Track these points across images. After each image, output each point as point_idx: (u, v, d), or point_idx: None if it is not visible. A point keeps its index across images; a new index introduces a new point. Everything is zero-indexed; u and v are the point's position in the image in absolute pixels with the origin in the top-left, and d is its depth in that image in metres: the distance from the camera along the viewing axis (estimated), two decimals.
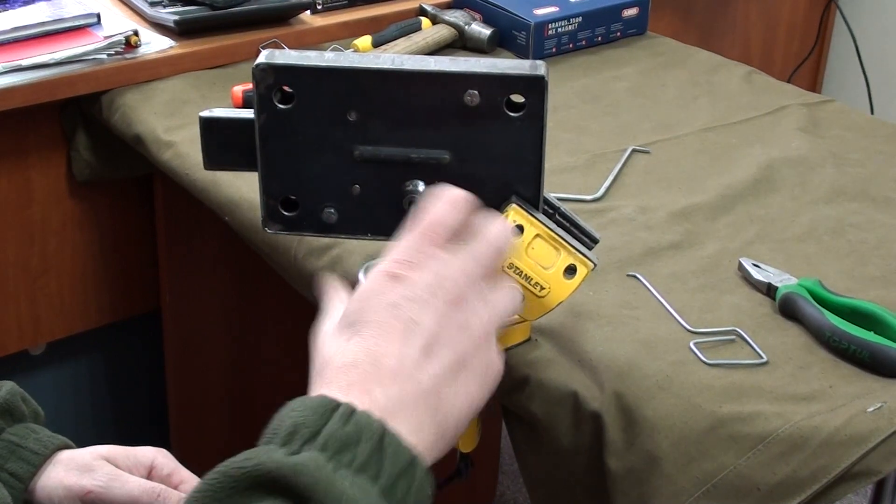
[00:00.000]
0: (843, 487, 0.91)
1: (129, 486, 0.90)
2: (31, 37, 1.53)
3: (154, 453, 0.95)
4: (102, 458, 0.92)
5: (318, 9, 1.74)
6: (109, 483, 0.89)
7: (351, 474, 0.60)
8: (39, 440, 0.91)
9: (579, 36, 1.73)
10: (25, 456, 0.89)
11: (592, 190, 1.30)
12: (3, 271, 1.66)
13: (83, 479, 0.89)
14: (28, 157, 1.62)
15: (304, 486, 0.58)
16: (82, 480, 0.89)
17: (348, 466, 0.61)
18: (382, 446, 0.62)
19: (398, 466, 0.62)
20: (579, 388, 0.98)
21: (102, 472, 0.90)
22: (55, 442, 0.92)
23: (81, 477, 0.90)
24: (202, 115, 0.90)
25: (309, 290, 1.23)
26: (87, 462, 0.91)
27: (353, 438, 0.62)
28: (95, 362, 1.93)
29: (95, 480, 0.89)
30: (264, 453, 0.60)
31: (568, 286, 0.90)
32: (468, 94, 0.84)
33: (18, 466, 0.88)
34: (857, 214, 1.26)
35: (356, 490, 0.59)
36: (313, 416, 0.63)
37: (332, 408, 0.63)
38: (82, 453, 0.93)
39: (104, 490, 0.89)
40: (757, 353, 1.00)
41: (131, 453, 0.94)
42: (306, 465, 0.59)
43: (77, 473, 0.90)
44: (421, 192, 0.88)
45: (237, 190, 1.30)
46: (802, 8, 2.59)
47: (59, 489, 0.89)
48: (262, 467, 0.59)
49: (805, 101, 1.55)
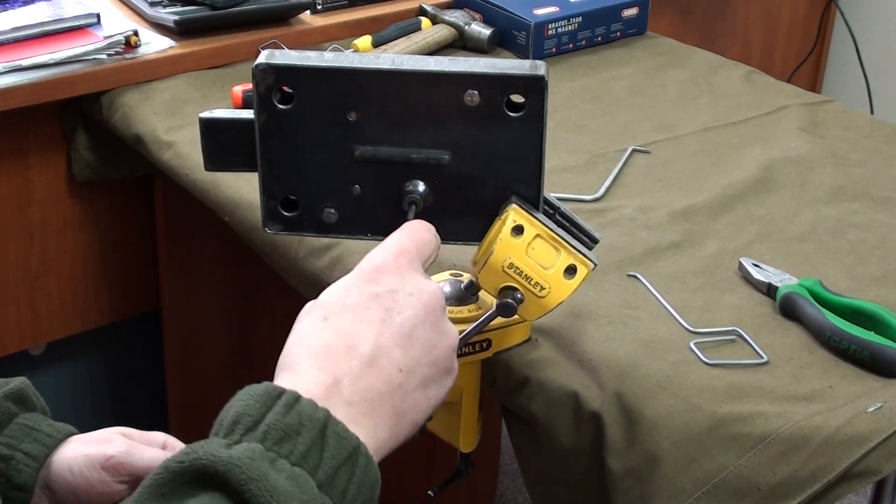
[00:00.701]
0: (843, 487, 0.91)
1: (149, 453, 0.92)
2: (31, 37, 1.53)
3: (165, 436, 0.97)
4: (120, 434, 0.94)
5: (318, 9, 1.74)
6: (130, 449, 0.91)
7: (289, 466, 0.60)
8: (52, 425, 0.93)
9: (579, 36, 1.73)
10: (39, 438, 0.91)
11: (592, 190, 1.30)
12: (3, 271, 1.66)
13: (103, 447, 0.91)
14: (28, 157, 1.62)
15: (238, 481, 0.58)
16: (102, 448, 0.91)
17: (287, 457, 0.61)
18: (325, 436, 0.62)
19: (340, 456, 0.62)
20: (579, 388, 0.98)
21: (121, 441, 0.92)
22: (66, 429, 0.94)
23: (101, 446, 0.91)
24: (202, 116, 0.90)
25: (309, 290, 1.23)
26: (104, 436, 0.93)
27: (294, 429, 0.62)
28: (95, 362, 1.93)
29: (117, 448, 0.91)
30: (203, 446, 0.60)
31: (568, 286, 0.90)
32: (468, 94, 0.84)
33: (33, 447, 0.90)
34: (857, 214, 1.26)
35: (292, 483, 0.59)
36: (255, 405, 0.63)
37: (275, 396, 0.63)
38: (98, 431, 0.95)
39: (126, 455, 0.91)
40: (757, 353, 1.00)
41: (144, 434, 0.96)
42: (241, 459, 0.59)
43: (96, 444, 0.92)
44: (421, 192, 0.88)
45: (237, 190, 1.30)
46: (802, 8, 2.59)
47: (80, 458, 0.90)
48: (198, 461, 0.59)
49: (805, 101, 1.55)
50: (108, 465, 0.90)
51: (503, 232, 0.87)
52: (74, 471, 0.90)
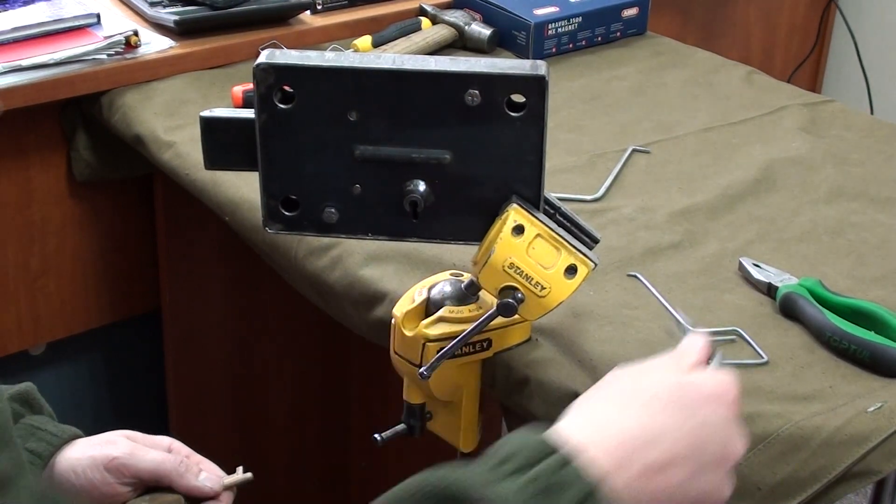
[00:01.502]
0: (843, 487, 0.91)
1: (152, 455, 0.92)
2: (31, 37, 1.53)
3: (170, 439, 0.97)
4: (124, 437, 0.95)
5: (318, 9, 1.74)
6: (134, 451, 0.92)
7: None
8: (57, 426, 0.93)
9: (579, 36, 1.73)
10: (45, 437, 0.91)
11: (592, 190, 1.30)
12: (3, 271, 1.66)
13: (107, 448, 0.92)
14: (28, 157, 1.62)
15: None
16: (106, 450, 0.91)
17: None
18: None
19: None
20: (579, 388, 0.97)
21: (125, 443, 0.93)
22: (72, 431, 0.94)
23: (105, 447, 0.92)
24: (203, 115, 0.90)
25: (309, 290, 1.23)
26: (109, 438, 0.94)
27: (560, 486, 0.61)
28: (95, 362, 1.93)
29: (121, 449, 0.92)
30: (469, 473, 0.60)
31: (568, 286, 0.90)
32: (469, 93, 0.84)
33: (38, 446, 0.91)
34: (857, 214, 1.26)
35: None
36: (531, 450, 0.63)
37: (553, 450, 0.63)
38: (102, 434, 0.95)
39: (129, 457, 0.91)
40: (757, 353, 1.00)
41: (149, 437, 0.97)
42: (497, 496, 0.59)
43: (101, 446, 0.92)
44: (421, 191, 0.88)
45: (237, 190, 1.30)
46: (802, 8, 2.59)
47: (84, 459, 0.91)
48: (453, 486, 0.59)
49: (805, 101, 1.55)
50: (112, 466, 0.90)
51: (504, 232, 0.87)
52: (78, 472, 0.90)
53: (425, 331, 0.95)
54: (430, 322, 0.95)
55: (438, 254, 1.13)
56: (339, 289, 1.16)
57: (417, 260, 1.13)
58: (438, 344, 0.94)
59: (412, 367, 0.96)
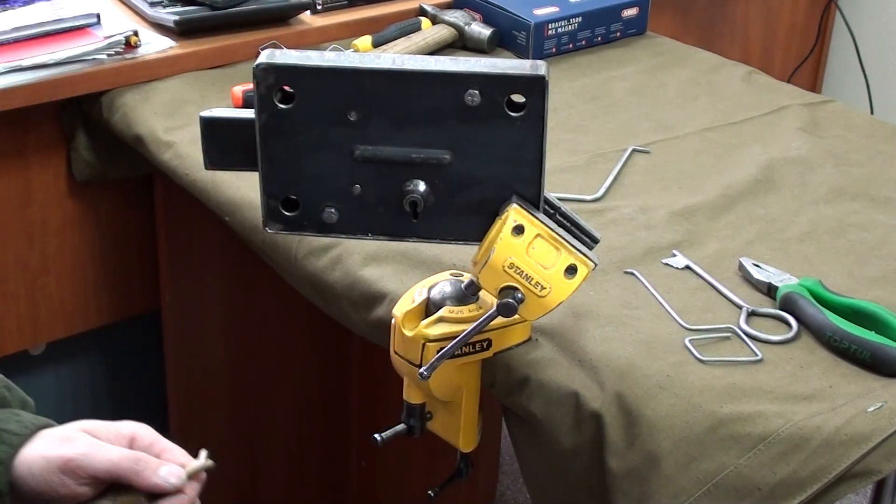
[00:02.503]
0: (843, 487, 0.91)
1: (109, 453, 0.88)
2: (31, 37, 1.53)
3: (134, 426, 0.93)
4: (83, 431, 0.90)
5: (318, 9, 1.74)
6: (89, 450, 0.87)
7: None
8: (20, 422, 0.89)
9: (579, 36, 1.73)
10: (5, 438, 0.87)
11: (592, 190, 1.30)
12: (3, 271, 1.66)
13: (62, 448, 0.87)
14: (28, 157, 1.62)
15: None
16: (61, 450, 0.87)
17: None
18: None
19: None
20: (579, 388, 0.98)
21: (82, 441, 0.88)
22: (37, 423, 0.90)
23: (61, 447, 0.87)
24: (203, 116, 0.90)
25: (309, 291, 1.23)
26: (66, 434, 0.89)
27: None
28: (95, 362, 1.93)
29: (76, 449, 0.87)
30: None
31: (568, 286, 0.90)
32: (469, 93, 0.84)
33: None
34: (857, 214, 1.26)
35: None
36: None
37: None
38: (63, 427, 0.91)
39: (84, 457, 0.87)
40: (752, 351, 1.00)
41: (112, 426, 0.92)
42: None
43: (57, 444, 0.88)
44: (422, 191, 0.88)
45: (237, 190, 1.30)
46: (802, 8, 2.59)
47: (39, 461, 0.87)
48: None
49: (805, 101, 1.55)
50: (67, 468, 0.86)
51: (504, 232, 0.87)
52: (35, 473, 0.87)
53: (425, 331, 0.95)
54: (430, 322, 0.95)
55: (438, 254, 1.13)
56: (338, 289, 1.16)
57: (417, 260, 1.13)
58: (438, 344, 0.95)
59: (412, 367, 0.96)
